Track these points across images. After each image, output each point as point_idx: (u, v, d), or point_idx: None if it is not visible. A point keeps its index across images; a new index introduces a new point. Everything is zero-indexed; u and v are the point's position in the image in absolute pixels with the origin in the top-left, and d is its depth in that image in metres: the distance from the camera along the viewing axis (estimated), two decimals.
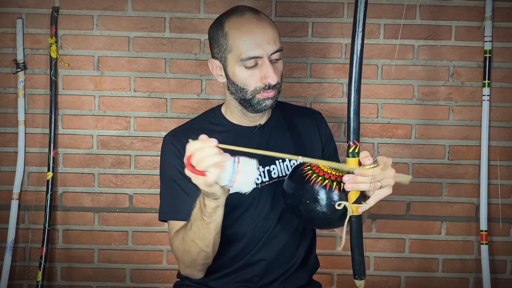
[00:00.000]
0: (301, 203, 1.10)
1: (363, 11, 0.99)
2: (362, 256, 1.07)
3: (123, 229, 1.99)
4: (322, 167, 1.11)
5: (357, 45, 1.00)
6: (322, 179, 1.08)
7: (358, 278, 1.09)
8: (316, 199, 1.07)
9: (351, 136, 1.02)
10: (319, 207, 1.07)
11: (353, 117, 1.02)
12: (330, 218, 1.08)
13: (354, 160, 1.02)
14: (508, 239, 1.99)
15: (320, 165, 1.12)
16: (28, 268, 2.00)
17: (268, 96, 1.26)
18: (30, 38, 1.93)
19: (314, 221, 1.13)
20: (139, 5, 1.92)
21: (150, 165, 1.97)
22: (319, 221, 1.11)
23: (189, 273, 1.29)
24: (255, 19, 1.24)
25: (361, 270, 1.08)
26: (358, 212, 1.04)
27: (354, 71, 1.01)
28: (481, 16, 1.92)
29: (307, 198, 1.09)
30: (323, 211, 1.07)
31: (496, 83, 1.94)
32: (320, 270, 1.49)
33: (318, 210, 1.08)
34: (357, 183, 1.01)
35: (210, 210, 1.08)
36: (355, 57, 1.01)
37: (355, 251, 1.07)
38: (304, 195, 1.09)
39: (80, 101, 1.95)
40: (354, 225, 1.06)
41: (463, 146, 1.97)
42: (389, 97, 1.96)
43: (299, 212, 1.12)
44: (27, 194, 1.97)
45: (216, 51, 1.29)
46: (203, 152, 0.95)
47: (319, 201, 1.07)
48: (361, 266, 1.08)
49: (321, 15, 1.93)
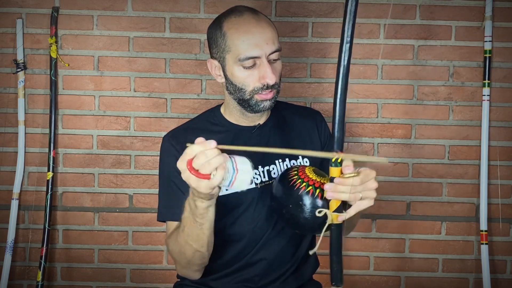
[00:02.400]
0: (284, 207, 1.13)
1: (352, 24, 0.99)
2: (341, 264, 1.09)
3: (123, 229, 1.99)
4: (308, 173, 1.13)
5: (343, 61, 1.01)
6: (306, 185, 1.10)
7: (335, 285, 1.10)
8: (299, 205, 1.10)
9: (334, 146, 1.02)
10: (301, 212, 1.10)
11: (338, 127, 1.02)
12: (310, 224, 1.10)
13: (336, 169, 1.02)
14: (508, 239, 1.99)
15: (306, 170, 1.14)
16: (28, 268, 2.00)
17: (267, 98, 1.26)
18: (30, 38, 1.93)
19: (295, 226, 1.15)
20: (139, 5, 1.92)
21: (150, 165, 1.97)
22: (300, 226, 1.13)
23: (186, 273, 1.29)
24: (254, 19, 1.23)
25: (338, 277, 1.09)
26: (338, 220, 1.05)
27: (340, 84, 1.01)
28: (481, 16, 1.92)
29: (291, 203, 1.11)
30: (305, 217, 1.10)
31: (496, 83, 1.94)
32: (320, 270, 1.49)
33: (300, 216, 1.10)
34: (337, 192, 1.01)
35: (202, 210, 1.07)
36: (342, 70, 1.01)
37: (333, 259, 1.08)
38: (288, 199, 1.12)
39: (80, 101, 1.95)
40: (333, 233, 1.07)
41: (463, 146, 1.97)
42: (389, 97, 1.96)
43: (282, 216, 1.15)
44: (27, 194, 1.97)
45: (214, 51, 1.29)
46: (206, 155, 0.94)
47: (301, 207, 1.10)
48: (338, 273, 1.09)
49: (321, 15, 1.93)
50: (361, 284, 2.02)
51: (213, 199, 1.06)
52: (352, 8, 0.99)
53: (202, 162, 0.94)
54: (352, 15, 0.99)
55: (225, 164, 0.96)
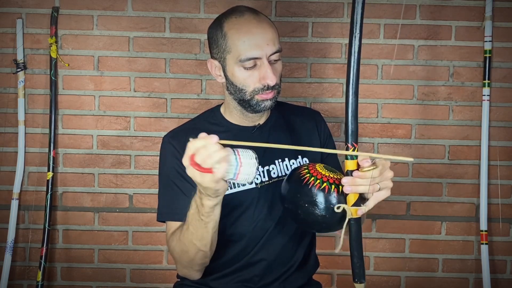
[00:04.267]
0: (299, 207, 1.09)
1: (361, 12, 0.99)
2: (362, 260, 1.07)
3: (123, 229, 1.99)
4: (320, 170, 1.10)
5: (354, 47, 1.00)
6: (321, 182, 1.07)
7: (357, 282, 1.08)
8: (314, 202, 1.06)
9: (349, 138, 1.01)
10: (317, 210, 1.06)
11: (351, 119, 1.01)
12: (329, 221, 1.07)
13: (352, 162, 1.02)
14: (508, 239, 1.99)
15: (317, 167, 1.12)
16: (28, 268, 2.00)
17: (267, 98, 1.26)
18: (30, 38, 1.93)
19: (313, 225, 1.11)
20: (139, 5, 1.92)
21: (150, 165, 1.97)
22: (318, 224, 1.09)
23: (187, 273, 1.29)
24: (254, 20, 1.23)
25: (360, 273, 1.07)
26: (358, 214, 1.03)
27: (352, 73, 1.01)
28: (481, 16, 1.92)
29: (305, 202, 1.08)
30: (322, 215, 1.06)
31: (496, 83, 1.94)
32: (320, 270, 1.49)
33: (317, 214, 1.07)
34: (356, 186, 1.01)
35: (208, 209, 1.07)
36: (353, 58, 1.00)
37: (354, 255, 1.06)
38: (302, 198, 1.08)
39: (80, 101, 1.95)
40: (353, 228, 1.05)
41: (463, 146, 1.97)
42: (389, 97, 1.96)
43: (297, 216, 1.11)
44: (27, 194, 1.97)
45: (215, 52, 1.29)
46: (207, 149, 0.94)
47: (317, 205, 1.06)
48: (360, 270, 1.07)
49: (321, 15, 1.93)
50: None
51: (219, 197, 1.05)
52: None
53: (204, 156, 0.94)
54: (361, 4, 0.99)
55: (227, 157, 0.96)
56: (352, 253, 1.06)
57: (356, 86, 1.01)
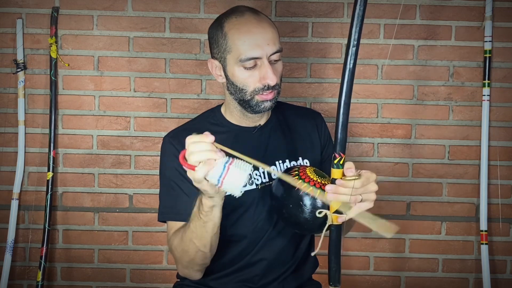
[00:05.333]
0: (284, 206, 1.15)
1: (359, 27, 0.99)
2: (339, 264, 1.10)
3: (123, 229, 1.99)
4: (309, 173, 1.14)
5: (349, 64, 1.00)
6: (307, 186, 1.10)
7: (332, 285, 1.12)
8: (299, 205, 1.11)
9: (337, 148, 1.03)
10: (301, 212, 1.11)
11: (341, 129, 1.03)
12: (310, 224, 1.12)
13: (338, 171, 1.03)
14: (508, 239, 1.99)
15: (307, 170, 1.15)
16: (28, 268, 2.00)
17: (267, 98, 1.26)
18: (30, 38, 1.93)
19: (295, 225, 1.17)
20: (139, 5, 1.92)
21: (150, 165, 1.97)
22: (300, 226, 1.14)
23: (187, 273, 1.29)
24: (255, 20, 1.23)
25: (336, 277, 1.11)
26: (338, 221, 1.06)
27: (345, 87, 1.02)
28: (481, 16, 1.92)
29: (291, 203, 1.13)
30: (305, 217, 1.11)
31: (496, 83, 1.94)
32: (320, 270, 1.49)
33: (299, 216, 1.12)
34: (338, 194, 1.02)
35: (207, 209, 1.09)
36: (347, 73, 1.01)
37: (331, 259, 1.10)
38: (289, 199, 1.13)
39: (80, 101, 1.95)
40: (333, 234, 1.08)
41: (463, 146, 1.97)
42: (389, 97, 1.96)
43: (282, 215, 1.17)
44: (27, 194, 1.97)
45: (215, 51, 1.29)
46: (196, 146, 0.97)
47: (301, 207, 1.11)
48: (336, 274, 1.11)
49: (321, 15, 1.93)
50: (361, 284, 2.02)
51: (216, 199, 1.07)
52: (360, 12, 0.98)
53: (190, 151, 0.97)
54: (360, 19, 0.98)
55: (212, 160, 0.96)
56: (330, 257, 1.10)
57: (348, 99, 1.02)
